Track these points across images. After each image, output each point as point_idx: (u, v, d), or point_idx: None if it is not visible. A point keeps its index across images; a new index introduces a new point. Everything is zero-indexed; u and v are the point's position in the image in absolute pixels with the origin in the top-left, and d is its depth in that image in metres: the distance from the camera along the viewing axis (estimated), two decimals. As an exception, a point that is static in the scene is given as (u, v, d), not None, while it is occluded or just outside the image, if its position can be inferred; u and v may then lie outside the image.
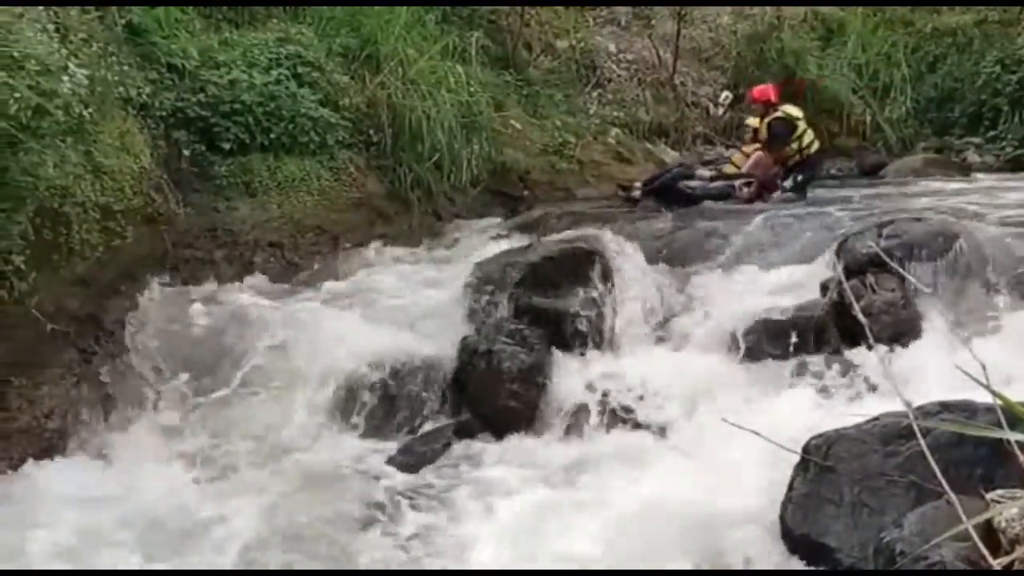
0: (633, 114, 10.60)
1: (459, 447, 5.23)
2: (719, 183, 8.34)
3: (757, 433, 4.28)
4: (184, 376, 5.82)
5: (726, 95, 10.65)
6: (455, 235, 8.45)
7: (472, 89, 8.88)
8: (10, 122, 4.59)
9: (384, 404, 5.50)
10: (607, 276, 5.90)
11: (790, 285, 6.14)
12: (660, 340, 5.89)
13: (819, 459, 3.94)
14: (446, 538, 4.55)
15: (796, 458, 4.26)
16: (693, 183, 8.36)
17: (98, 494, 4.84)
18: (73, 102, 5.14)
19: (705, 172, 8.71)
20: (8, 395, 4.96)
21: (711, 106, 10.97)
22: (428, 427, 5.38)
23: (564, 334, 5.68)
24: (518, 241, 7.44)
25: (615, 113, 10.56)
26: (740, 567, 4.12)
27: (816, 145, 8.54)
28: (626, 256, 6.06)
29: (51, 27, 5.44)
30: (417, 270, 7.58)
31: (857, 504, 3.79)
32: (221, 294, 6.63)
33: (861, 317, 4.91)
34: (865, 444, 3.91)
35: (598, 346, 5.72)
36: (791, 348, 5.55)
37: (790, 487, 4.02)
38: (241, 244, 7.24)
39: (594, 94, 10.86)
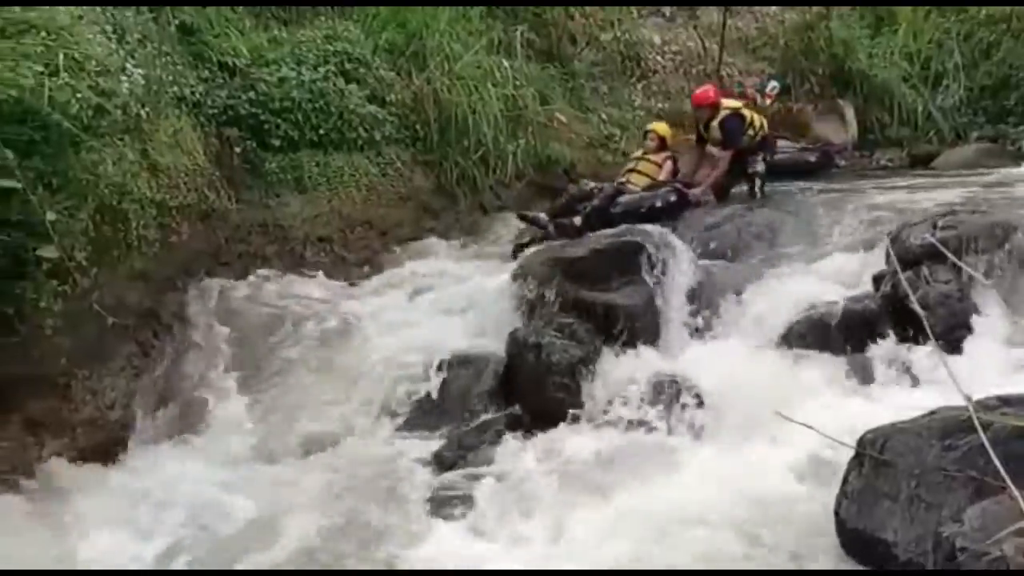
0: (678, 106, 10.52)
1: (508, 439, 5.23)
2: (661, 195, 7.55)
3: (810, 427, 4.27)
4: (239, 369, 5.95)
5: (773, 85, 10.52)
6: (501, 229, 8.49)
7: (518, 83, 8.89)
8: (72, 122, 4.72)
9: (434, 396, 5.55)
10: (655, 270, 5.87)
11: (840, 277, 6.05)
12: (708, 333, 5.84)
13: (875, 453, 3.89)
14: (495, 529, 4.57)
15: (848, 452, 4.22)
16: (625, 199, 7.57)
17: (154, 484, 4.96)
18: (131, 101, 5.29)
19: (634, 188, 7.82)
20: (73, 387, 5.11)
21: (758, 96, 10.83)
22: (477, 419, 5.40)
23: (612, 328, 5.66)
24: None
25: (660, 105, 10.52)
26: (791, 562, 4.08)
27: (765, 124, 8.12)
28: (674, 249, 6.02)
29: (109, 28, 5.58)
30: (463, 264, 7.64)
31: (914, 499, 3.74)
32: (274, 289, 6.75)
33: (919, 309, 4.83)
34: (922, 438, 3.85)
35: (646, 340, 5.69)
36: (842, 341, 5.46)
37: (844, 481, 3.97)
38: (292, 239, 7.37)
39: (639, 86, 10.83)
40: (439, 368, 5.69)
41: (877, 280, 5.68)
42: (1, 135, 4.34)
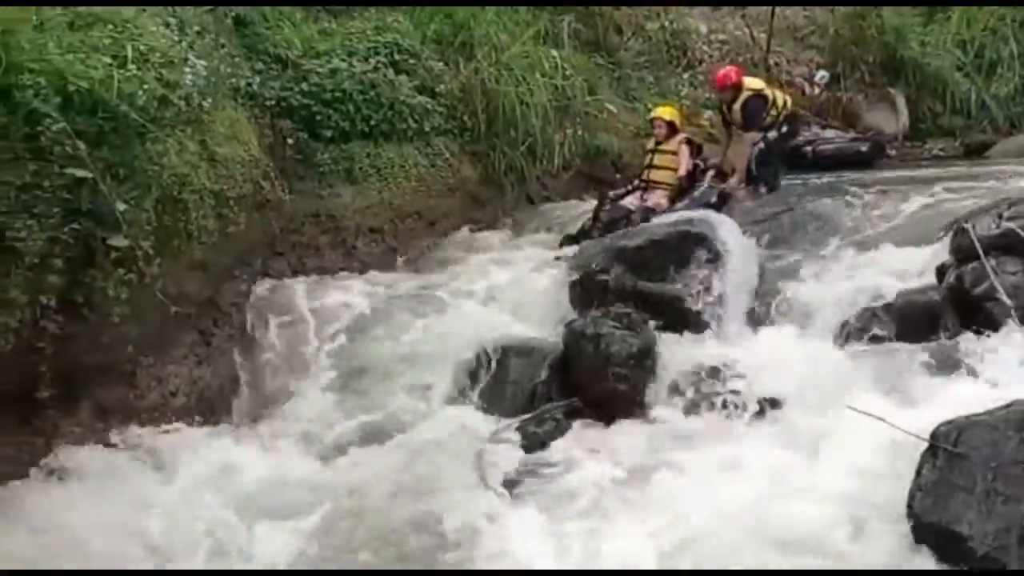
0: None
1: (567, 428, 5.24)
2: (699, 200, 7.18)
3: (882, 419, 4.24)
4: (298, 357, 6.01)
5: (822, 74, 10.42)
6: (549, 219, 8.47)
7: (566, 73, 8.86)
8: (139, 113, 4.78)
9: (492, 385, 5.57)
10: (713, 260, 5.84)
11: (901, 268, 5.97)
12: (767, 324, 5.80)
13: (949, 446, 3.83)
14: (554, 515, 4.56)
15: (915, 445, 4.17)
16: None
17: (218, 470, 5.02)
18: (193, 93, 5.32)
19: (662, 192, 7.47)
20: (138, 374, 5.20)
21: (806, 86, 10.72)
22: (535, 409, 5.40)
23: (670, 318, 5.65)
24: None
25: (707, 95, 10.41)
26: (862, 555, 4.04)
27: (789, 101, 7.89)
28: (732, 239, 5.98)
29: (171, 20, 5.64)
30: (511, 254, 7.63)
31: (991, 492, 3.69)
32: (329, 278, 6.81)
33: (1006, 299, 4.74)
34: (998, 431, 3.80)
35: (704, 330, 5.68)
36: (906, 333, 5.40)
37: (918, 474, 3.92)
38: (344, 229, 7.42)
39: (685, 76, 10.75)
40: (495, 357, 5.69)
41: (940, 271, 5.59)
42: (73, 126, 4.39)
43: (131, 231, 4.80)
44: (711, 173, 7.57)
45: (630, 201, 7.43)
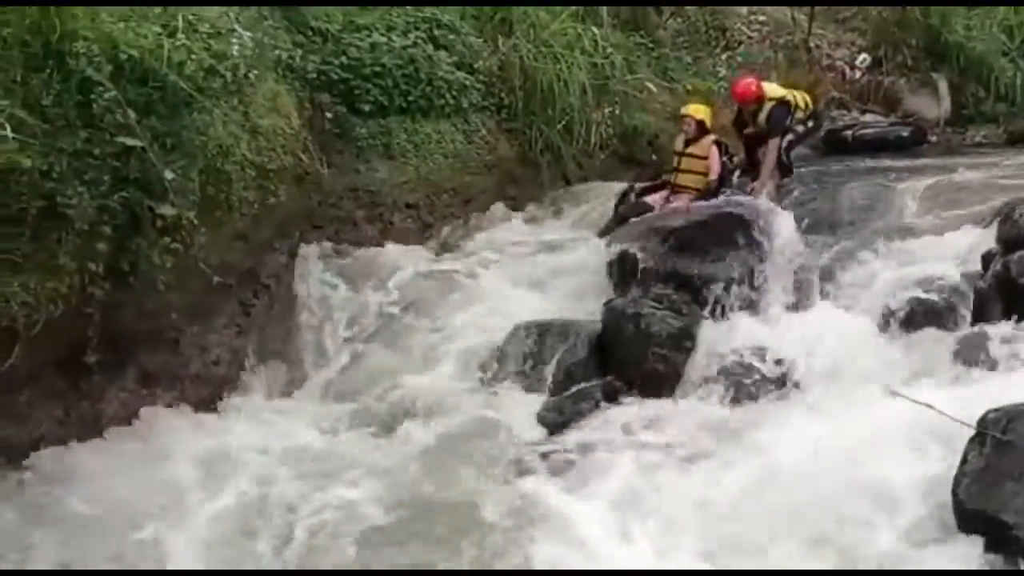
0: (764, 77, 10.27)
1: (604, 407, 5.25)
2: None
3: (929, 405, 4.21)
4: (333, 330, 6.06)
5: (864, 58, 10.27)
6: (584, 199, 8.42)
7: (606, 51, 8.79)
8: (187, 82, 4.79)
9: (531, 363, 5.57)
10: (755, 243, 5.80)
11: (945, 255, 5.92)
12: (809, 307, 5.77)
13: (998, 433, 3.80)
14: (589, 494, 4.58)
15: (957, 431, 4.15)
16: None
17: (257, 439, 5.09)
18: (239, 64, 5.33)
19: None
20: (181, 342, 5.26)
21: (847, 69, 10.57)
22: (573, 387, 5.40)
23: (711, 299, 5.63)
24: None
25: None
26: (904, 542, 4.03)
27: (809, 101, 7.71)
28: (776, 222, 5.94)
29: (218, -10, 5.64)
30: (546, 232, 7.66)
31: (1039, 480, 3.66)
32: (364, 254, 6.83)
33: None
34: (1048, 419, 3.76)
35: (745, 313, 5.65)
36: (950, 320, 5.36)
37: (963, 461, 3.90)
38: (380, 204, 7.42)
39: (723, 57, 10.61)
40: (532, 336, 5.70)
41: (986, 259, 5.52)
42: (124, 94, 4.42)
43: (177, 200, 4.82)
44: (739, 171, 7.44)
45: (653, 199, 7.28)
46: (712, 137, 7.26)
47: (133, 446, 4.74)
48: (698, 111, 7.33)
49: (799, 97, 7.64)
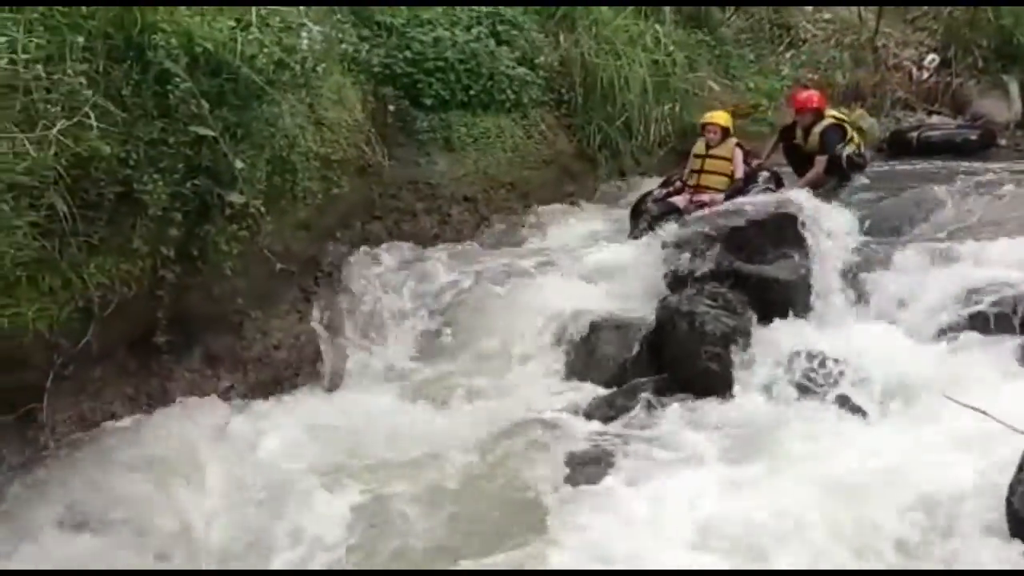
0: (828, 76, 10.19)
1: (655, 404, 5.25)
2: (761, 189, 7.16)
3: (984, 412, 4.15)
4: (391, 320, 6.19)
5: (932, 58, 10.07)
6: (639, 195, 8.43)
7: (667, 48, 8.78)
8: (257, 75, 4.94)
9: (583, 358, 5.64)
10: (813, 244, 5.76)
11: (1006, 261, 5.80)
12: (865, 310, 5.71)
13: (1056, 443, 3.74)
14: (637, 490, 4.60)
15: (1011, 439, 4.08)
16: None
17: (321, 421, 5.23)
18: (308, 57, 5.47)
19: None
20: (245, 326, 5.45)
21: (914, 69, 10.38)
22: (625, 383, 5.45)
23: (766, 300, 5.61)
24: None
25: (809, 75, 10.19)
26: (954, 547, 3.99)
27: (862, 146, 7.71)
28: (833, 224, 5.90)
29: (288, -16, 5.78)
30: (606, 227, 7.69)
31: (1098, 492, 3.60)
32: (423, 244, 6.95)
33: None
34: (1109, 431, 3.68)
35: (800, 314, 5.62)
36: (1010, 327, 5.25)
37: (1020, 469, 3.85)
38: (439, 197, 7.54)
39: (787, 55, 10.53)
40: (586, 331, 5.75)
41: (1050, 265, 5.42)
42: (198, 86, 4.59)
43: (245, 189, 4.98)
44: (765, 174, 7.40)
45: (678, 200, 7.30)
46: (734, 140, 7.47)
47: (200, 421, 4.92)
48: (722, 118, 7.57)
49: (855, 136, 7.66)
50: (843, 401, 5.07)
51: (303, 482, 4.60)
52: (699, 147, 7.51)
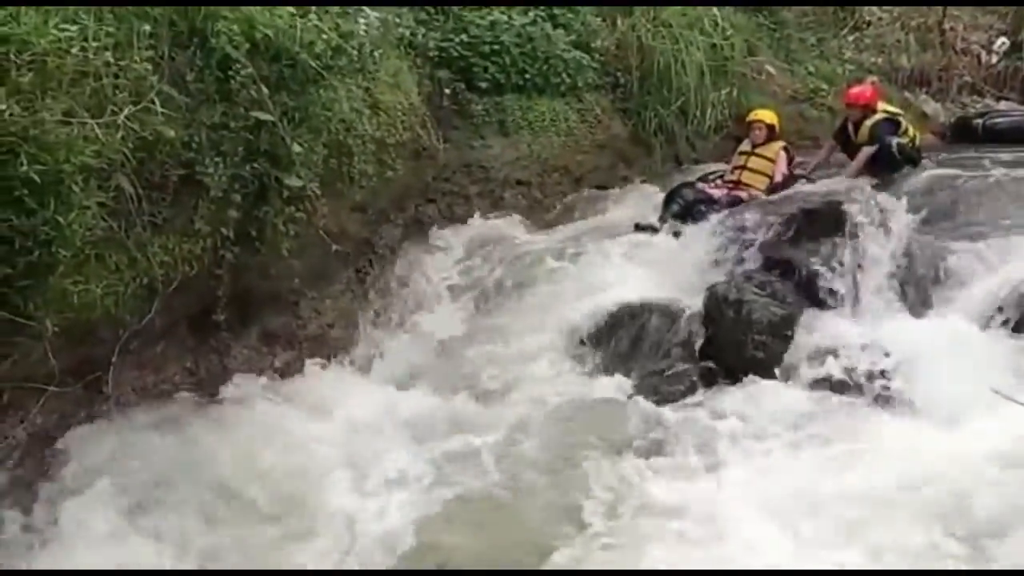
0: (893, 60, 9.97)
1: (700, 391, 5.31)
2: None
3: (1030, 407, 4.09)
4: (443, 303, 6.30)
5: (1002, 41, 9.77)
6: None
7: (726, 32, 8.68)
8: (316, 60, 5.06)
9: (631, 342, 5.68)
10: (864, 235, 5.70)
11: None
12: (914, 303, 5.64)
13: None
14: (680, 477, 4.66)
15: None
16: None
17: (361, 401, 5.36)
18: (365, 42, 5.58)
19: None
20: (301, 305, 5.62)
21: (983, 53, 10.09)
22: (672, 369, 5.48)
23: (815, 290, 5.58)
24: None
25: (873, 59, 10.00)
26: (996, 544, 3.96)
27: (918, 138, 7.57)
28: (885, 215, 5.82)
29: (346, -31, 5.88)
30: (656, 214, 7.63)
31: None
32: (475, 228, 7.05)
33: None
34: None
35: (849, 305, 5.58)
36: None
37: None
38: (492, 180, 7.62)
39: (851, 38, 10.31)
40: (633, 315, 5.79)
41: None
42: (258, 71, 4.72)
43: (302, 172, 5.11)
44: (803, 181, 7.27)
45: (714, 190, 7.27)
46: (782, 143, 7.42)
47: (256, 399, 5.10)
48: (768, 116, 7.51)
49: (911, 128, 7.53)
50: (888, 395, 5.03)
51: (341, 460, 4.75)
52: (745, 145, 7.49)
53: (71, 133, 3.78)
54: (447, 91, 7.54)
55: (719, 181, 7.46)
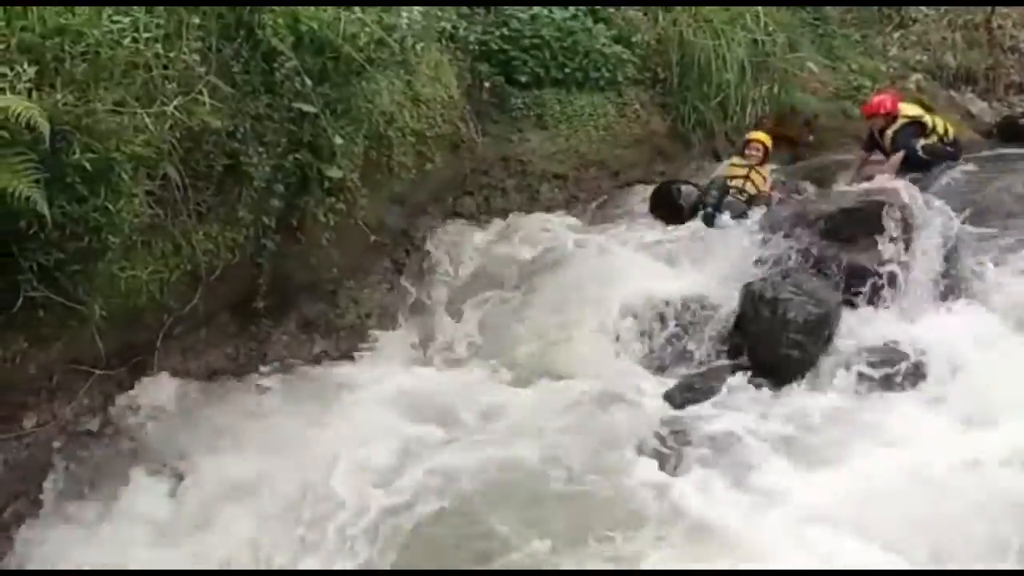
0: (939, 58, 9.80)
1: (735, 388, 5.29)
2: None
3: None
4: (477, 295, 6.35)
5: (1053, 39, 9.53)
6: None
7: (768, 28, 8.61)
8: (359, 53, 5.13)
9: (665, 339, 5.69)
10: (903, 233, 5.65)
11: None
12: (956, 302, 5.58)
13: None
14: (712, 475, 4.65)
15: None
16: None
17: (395, 390, 5.41)
18: (407, 36, 5.63)
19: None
20: (339, 294, 5.70)
21: (1032, 53, 9.89)
22: (706, 365, 5.49)
23: (852, 288, 5.54)
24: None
25: (918, 57, 9.83)
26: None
27: (951, 130, 7.44)
28: (926, 213, 5.76)
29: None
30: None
31: None
32: (511, 221, 7.09)
33: None
34: None
35: (888, 303, 5.54)
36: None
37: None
38: (529, 174, 7.62)
39: (895, 35, 10.14)
40: (673, 311, 5.80)
41: None
42: (302, 64, 4.80)
43: (343, 163, 5.20)
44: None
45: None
46: (771, 167, 7.42)
47: (293, 383, 5.20)
48: (767, 139, 7.46)
49: (939, 122, 7.45)
50: (927, 394, 4.99)
51: (373, 446, 4.81)
52: (739, 160, 7.44)
53: (122, 123, 3.89)
54: (486, 84, 7.55)
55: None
